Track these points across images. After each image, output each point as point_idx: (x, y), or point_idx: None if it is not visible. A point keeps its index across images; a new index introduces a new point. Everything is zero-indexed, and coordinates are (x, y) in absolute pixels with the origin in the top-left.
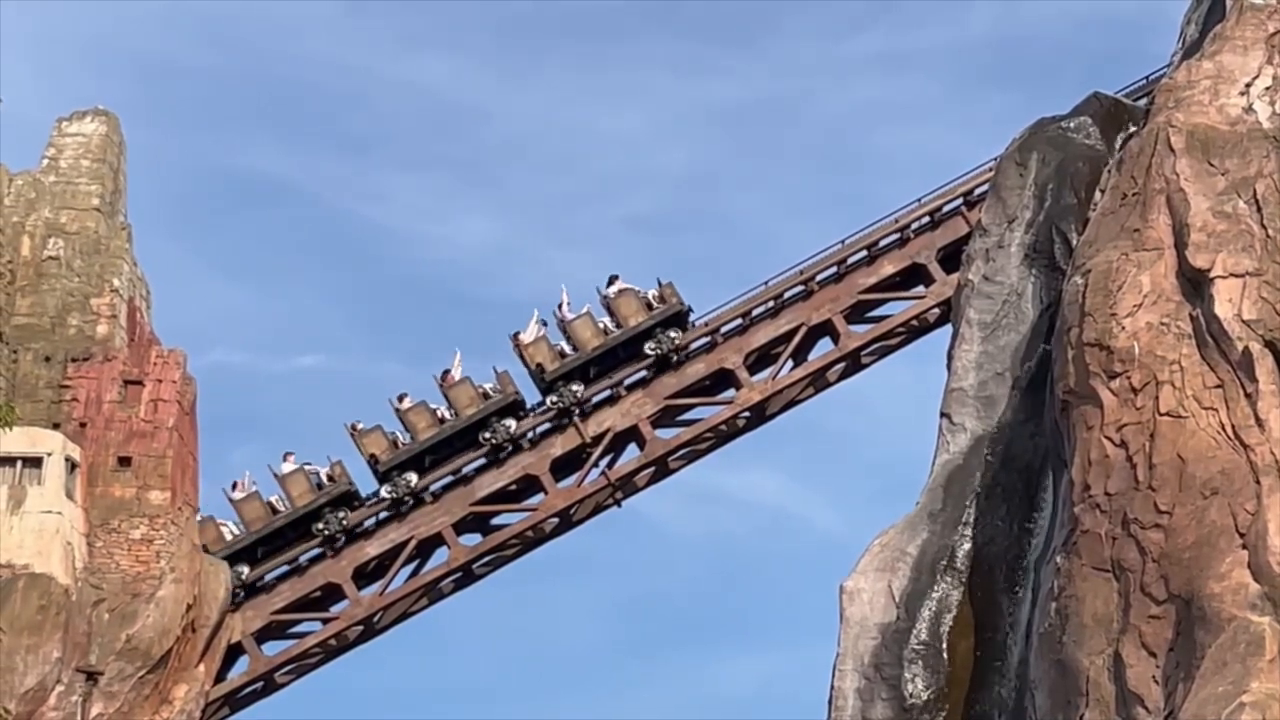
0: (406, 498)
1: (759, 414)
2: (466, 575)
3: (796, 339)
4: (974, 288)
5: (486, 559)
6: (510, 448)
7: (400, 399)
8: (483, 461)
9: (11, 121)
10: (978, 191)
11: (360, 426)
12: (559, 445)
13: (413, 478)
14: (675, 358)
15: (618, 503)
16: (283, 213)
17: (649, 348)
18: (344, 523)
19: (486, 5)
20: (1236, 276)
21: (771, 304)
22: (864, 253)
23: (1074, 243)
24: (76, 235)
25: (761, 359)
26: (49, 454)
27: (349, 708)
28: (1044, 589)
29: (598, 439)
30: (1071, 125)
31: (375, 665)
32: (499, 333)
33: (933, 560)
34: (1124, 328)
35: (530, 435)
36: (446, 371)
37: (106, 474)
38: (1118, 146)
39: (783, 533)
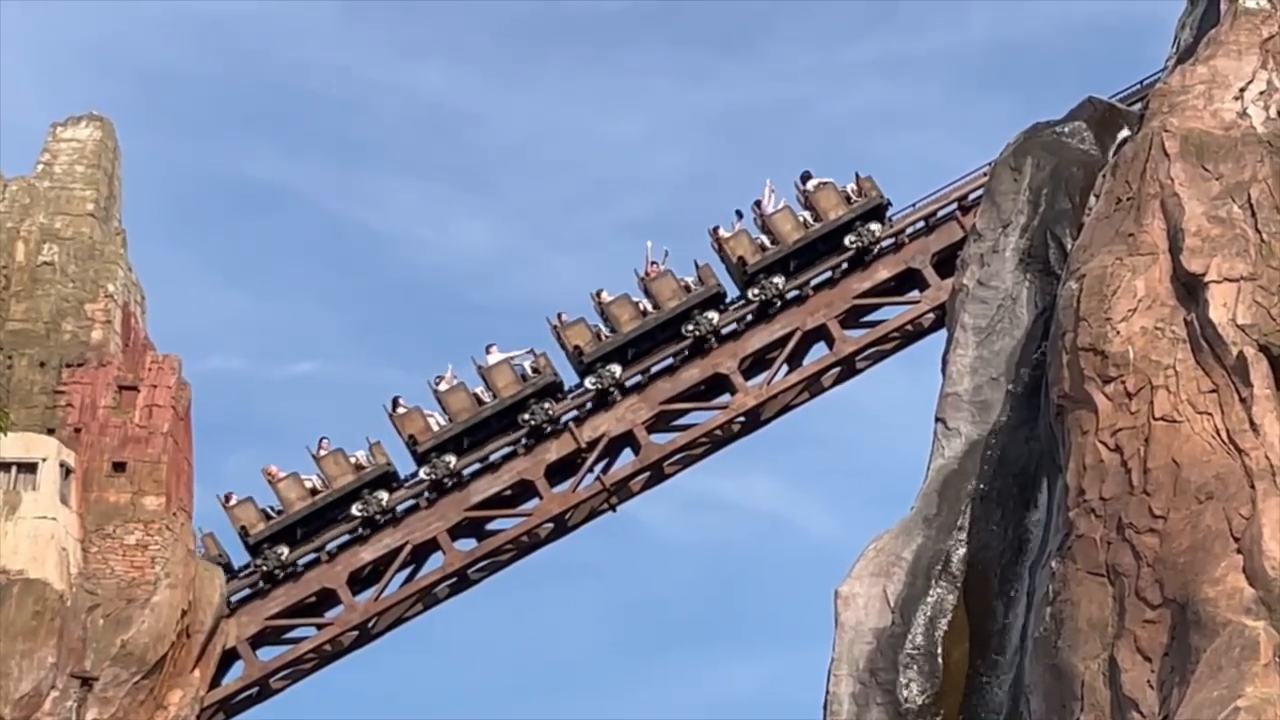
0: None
1: (754, 419)
2: (462, 580)
3: (791, 344)
4: (968, 292)
5: (482, 564)
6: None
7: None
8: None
9: (7, 126)
10: (972, 196)
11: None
12: (554, 450)
13: (452, 459)
14: (870, 252)
15: (613, 507)
16: (280, 219)
17: (849, 240)
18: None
19: (484, 12)
20: (1231, 281)
21: (736, 325)
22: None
23: (1068, 247)
24: (71, 240)
25: (756, 364)
26: (44, 459)
27: (344, 713)
28: (1039, 594)
29: (593, 444)
30: (1066, 130)
31: (371, 671)
32: (498, 339)
33: (928, 565)
34: (1119, 332)
35: (733, 327)
36: (650, 265)
37: (101, 479)
38: (1112, 151)
39: (779, 538)
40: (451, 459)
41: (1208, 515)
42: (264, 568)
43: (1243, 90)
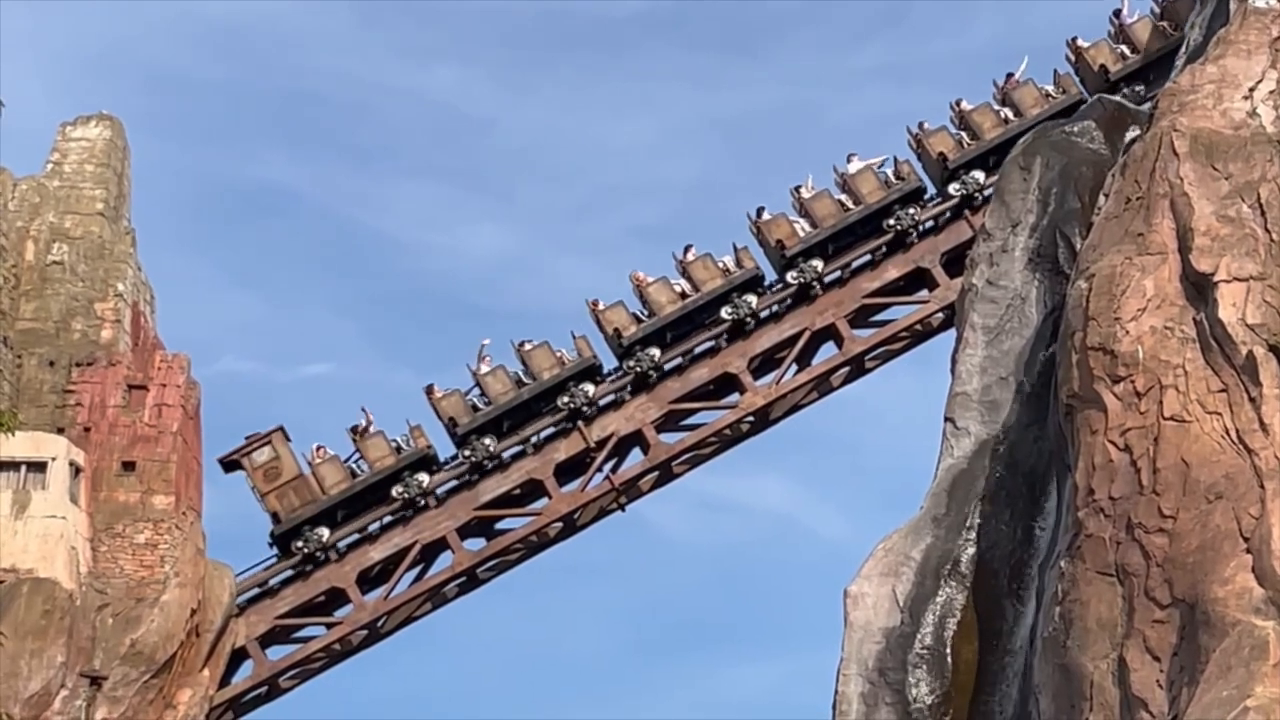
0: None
1: (763, 418)
2: (470, 580)
3: (800, 343)
4: (978, 292)
5: (491, 563)
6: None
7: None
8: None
9: (18, 127)
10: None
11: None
12: (563, 450)
13: (491, 442)
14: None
15: (621, 507)
16: (291, 223)
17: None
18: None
19: (494, 17)
20: (1240, 281)
21: (775, 308)
22: (868, 257)
23: (1078, 247)
24: (80, 240)
25: (765, 363)
26: (53, 459)
27: (353, 712)
28: (1048, 593)
29: (601, 443)
30: (1075, 130)
31: (379, 670)
32: (507, 342)
33: (937, 565)
34: (1128, 332)
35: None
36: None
37: (111, 479)
38: (1121, 151)
39: (789, 539)
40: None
41: (1217, 515)
42: (472, 459)
43: (1252, 90)
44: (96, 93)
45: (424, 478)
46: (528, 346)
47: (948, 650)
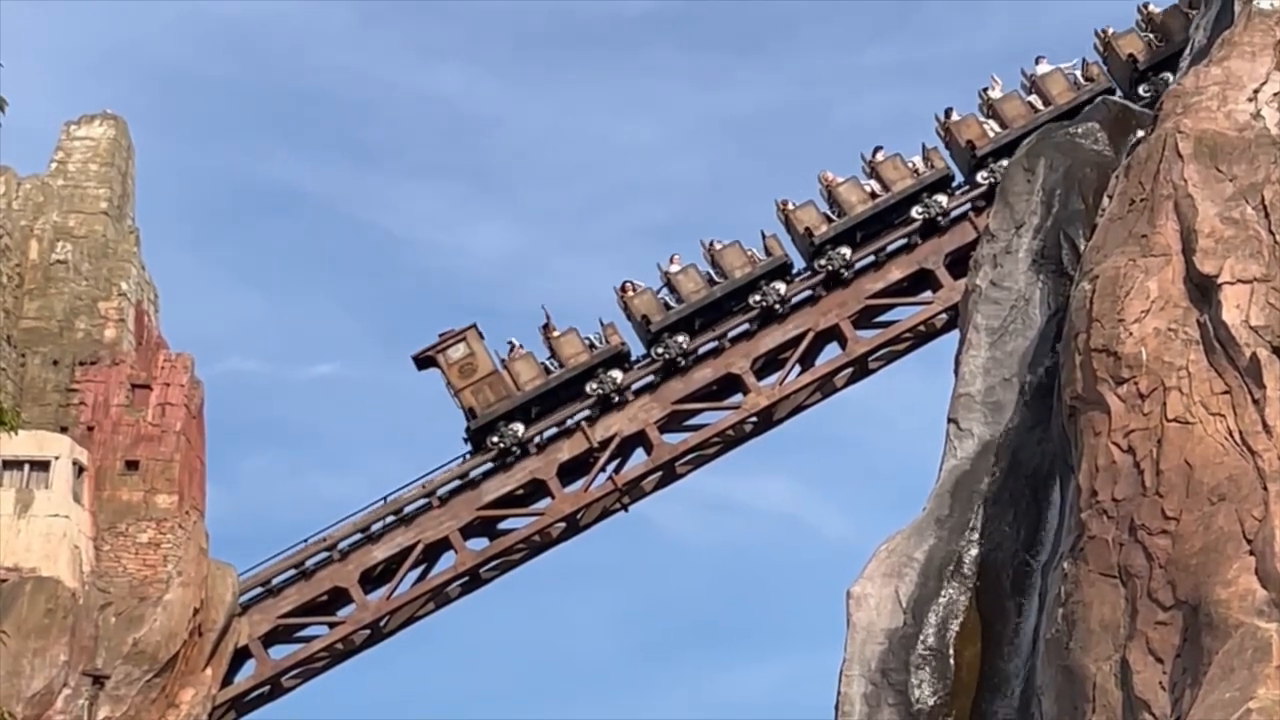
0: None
1: (766, 419)
2: (473, 580)
3: (804, 344)
4: (981, 293)
5: (493, 563)
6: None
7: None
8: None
9: (22, 126)
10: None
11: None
12: (566, 450)
13: (683, 339)
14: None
15: (625, 507)
16: (298, 222)
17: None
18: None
19: (501, 15)
20: (1244, 282)
21: (778, 309)
22: (871, 257)
23: (1081, 248)
24: (84, 239)
25: (769, 364)
26: (56, 458)
27: (355, 712)
28: (1051, 595)
29: (605, 444)
30: (1079, 131)
31: (382, 669)
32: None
33: (940, 566)
34: (1131, 333)
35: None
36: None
37: (114, 478)
38: (1125, 152)
39: (794, 540)
40: (684, 339)
41: (1220, 517)
42: (665, 356)
43: (1256, 92)
44: (102, 91)
45: (617, 374)
46: (718, 246)
47: (950, 651)
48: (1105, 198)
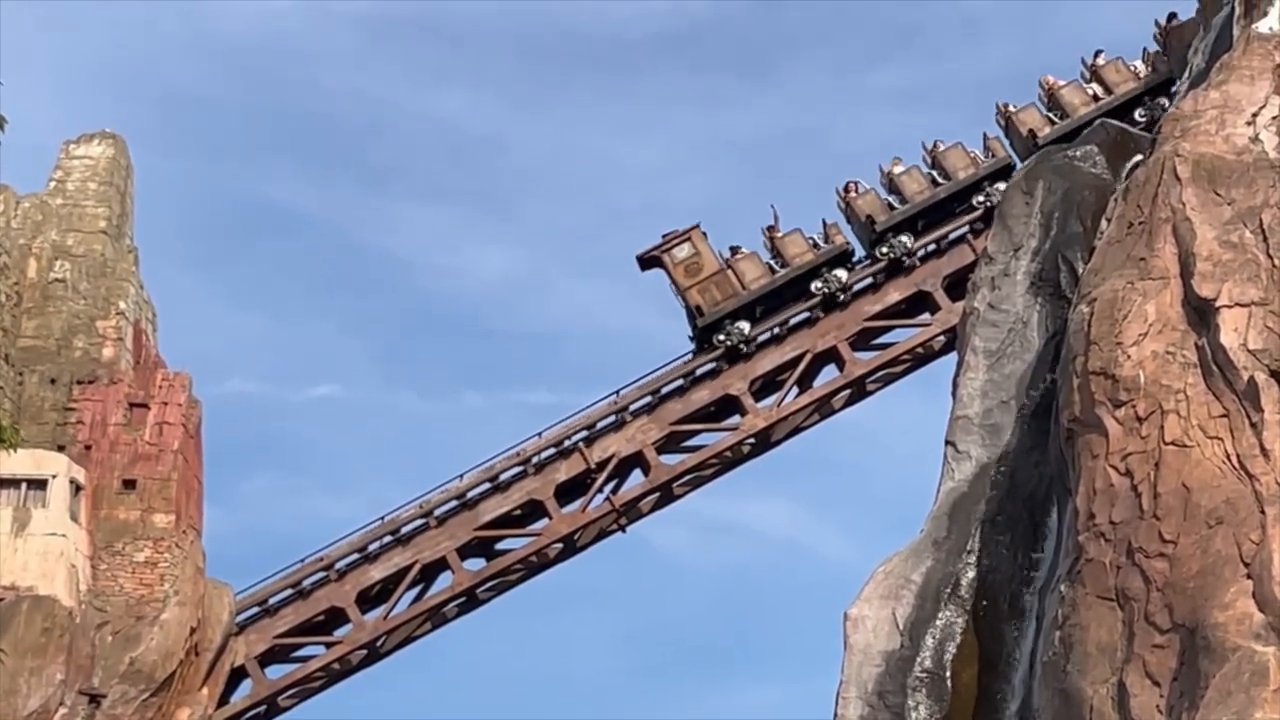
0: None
1: (764, 441)
2: (470, 600)
3: (802, 366)
4: (979, 315)
5: (490, 584)
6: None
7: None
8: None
9: (22, 144)
10: (854, 289)
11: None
12: (563, 470)
13: (908, 240)
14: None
15: (622, 528)
16: (300, 243)
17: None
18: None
19: (505, 37)
20: (1242, 306)
21: (776, 330)
22: (869, 279)
23: (1080, 271)
24: (83, 258)
25: (766, 385)
26: (54, 476)
27: None
28: (1048, 617)
29: (602, 464)
30: (1078, 154)
31: (379, 690)
32: (516, 364)
33: (937, 588)
34: (1129, 356)
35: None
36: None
37: (111, 496)
38: (1124, 175)
39: (796, 563)
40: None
41: (1218, 540)
42: (889, 255)
43: (1255, 115)
44: (105, 110)
45: (842, 274)
46: (941, 147)
47: (947, 674)
48: (1104, 221)
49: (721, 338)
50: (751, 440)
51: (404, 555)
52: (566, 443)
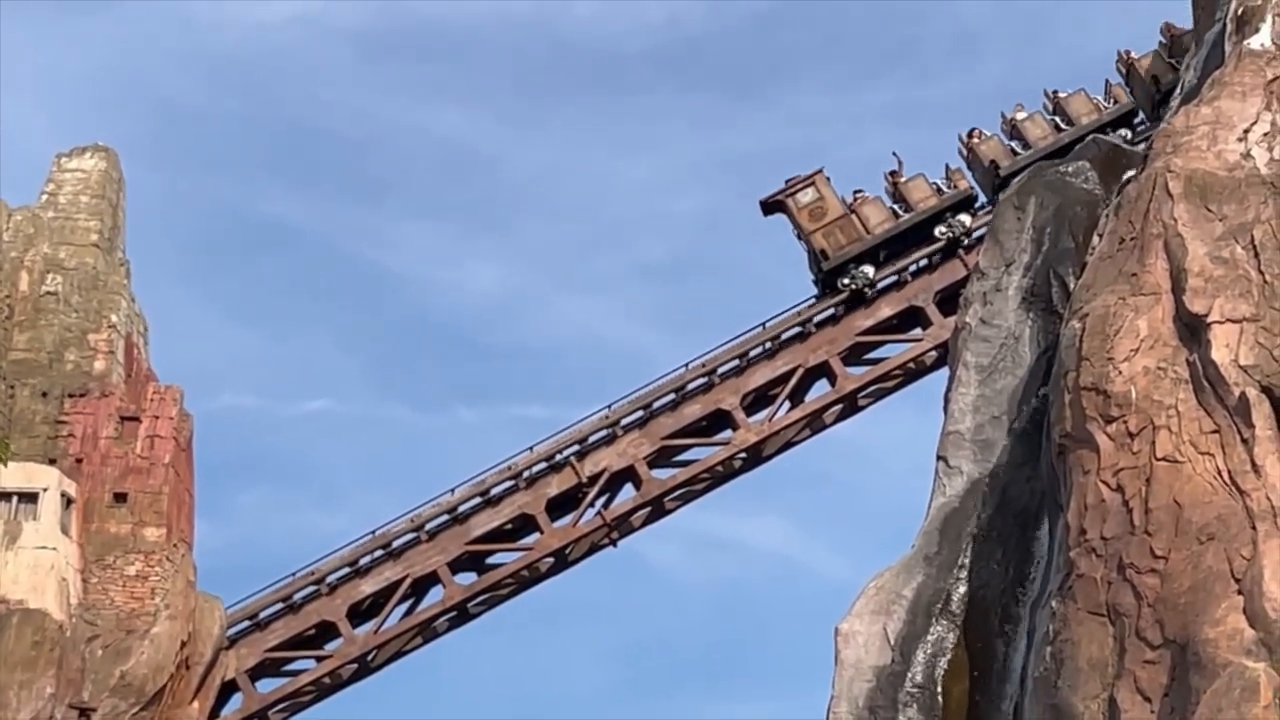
0: (866, 289)
1: (755, 455)
2: (461, 614)
3: (793, 380)
4: (971, 331)
5: (481, 598)
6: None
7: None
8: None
9: (15, 157)
10: (976, 235)
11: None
12: (555, 485)
13: (869, 270)
14: None
15: (613, 543)
16: (294, 257)
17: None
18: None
19: (501, 54)
20: (1234, 322)
21: (769, 345)
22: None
23: (1071, 286)
24: (75, 271)
25: (758, 400)
26: (45, 489)
27: None
28: (1039, 633)
29: (594, 479)
30: (1070, 170)
31: (369, 704)
32: (510, 379)
33: (928, 603)
34: (1121, 372)
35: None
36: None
37: (102, 510)
38: (1115, 191)
39: (789, 579)
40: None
41: (1209, 556)
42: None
43: (1246, 131)
44: (99, 124)
45: (965, 218)
46: (1063, 95)
47: (938, 689)
48: (1095, 236)
49: (846, 281)
50: (743, 455)
51: (395, 569)
52: (558, 457)
